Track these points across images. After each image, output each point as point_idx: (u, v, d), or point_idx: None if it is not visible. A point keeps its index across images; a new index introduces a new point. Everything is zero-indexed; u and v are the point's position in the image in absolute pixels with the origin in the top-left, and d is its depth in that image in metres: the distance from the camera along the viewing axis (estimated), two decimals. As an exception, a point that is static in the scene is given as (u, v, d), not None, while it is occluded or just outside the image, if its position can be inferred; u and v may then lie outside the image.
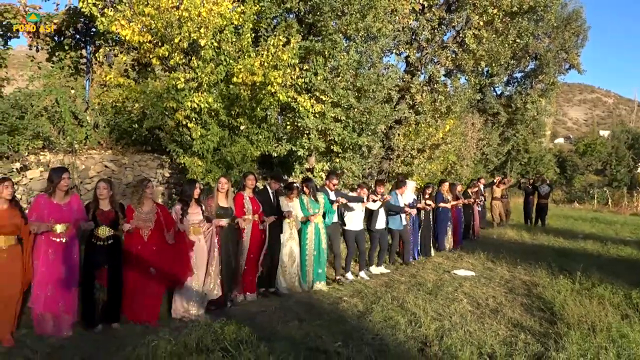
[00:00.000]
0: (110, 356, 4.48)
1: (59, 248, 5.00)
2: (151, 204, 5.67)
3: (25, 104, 8.77)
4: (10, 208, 4.74)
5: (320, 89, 9.74)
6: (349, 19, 9.73)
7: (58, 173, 5.09)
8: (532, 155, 31.55)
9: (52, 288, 4.96)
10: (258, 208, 6.67)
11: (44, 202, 5.01)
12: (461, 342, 4.97)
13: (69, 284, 5.08)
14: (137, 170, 9.49)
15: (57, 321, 5.00)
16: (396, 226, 9.08)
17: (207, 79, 7.73)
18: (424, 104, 14.07)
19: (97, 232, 5.24)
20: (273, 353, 4.43)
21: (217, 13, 7.84)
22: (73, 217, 5.11)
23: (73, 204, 5.18)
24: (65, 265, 5.04)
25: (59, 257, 4.98)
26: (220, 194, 6.28)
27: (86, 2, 8.63)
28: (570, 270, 8.18)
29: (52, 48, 11.22)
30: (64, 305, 5.02)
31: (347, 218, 8.18)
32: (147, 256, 5.49)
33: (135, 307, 5.46)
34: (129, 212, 5.51)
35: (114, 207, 5.41)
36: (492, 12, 14.31)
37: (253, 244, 6.63)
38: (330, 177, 7.99)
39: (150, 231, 5.52)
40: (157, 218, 5.59)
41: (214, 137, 7.85)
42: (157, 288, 5.60)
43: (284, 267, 7.10)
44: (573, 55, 24.35)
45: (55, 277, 4.97)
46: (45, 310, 4.94)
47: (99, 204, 5.32)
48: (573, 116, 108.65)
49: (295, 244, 7.19)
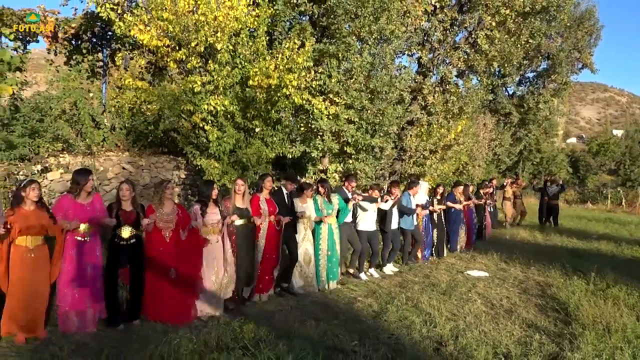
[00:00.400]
0: (133, 353, 4.59)
1: (83, 247, 5.16)
2: (172, 205, 5.78)
3: (45, 107, 8.97)
4: (37, 209, 4.88)
5: (334, 91, 9.84)
6: (362, 22, 9.82)
7: (84, 175, 5.26)
8: (545, 155, 31.42)
9: (78, 286, 5.12)
10: (274, 209, 6.76)
11: (68, 203, 5.16)
12: (476, 342, 5.03)
13: (94, 282, 5.25)
14: (154, 171, 9.66)
15: (83, 318, 5.15)
16: (407, 226, 9.16)
17: (223, 82, 7.86)
18: (436, 105, 14.10)
19: (120, 232, 5.37)
20: (292, 352, 4.52)
21: (233, 17, 7.96)
22: (96, 217, 5.26)
23: (96, 203, 5.34)
24: (90, 264, 5.20)
25: (83, 256, 5.15)
26: (237, 195, 6.38)
27: (104, 7, 8.82)
28: (584, 271, 8.20)
29: (69, 52, 11.45)
30: (89, 302, 5.18)
31: (359, 219, 8.27)
32: (169, 257, 5.61)
33: (157, 307, 5.57)
34: (149, 213, 5.61)
35: (136, 208, 5.53)
36: (505, 12, 14.29)
37: (269, 244, 6.72)
38: (350, 179, 8.10)
39: (171, 232, 5.64)
40: (178, 219, 5.70)
41: (230, 139, 7.98)
42: (179, 288, 5.69)
43: (299, 266, 7.20)
44: (586, 55, 24.17)
45: (80, 275, 5.13)
46: (71, 308, 5.09)
47: (121, 205, 5.45)
48: (586, 115, 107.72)
49: (310, 245, 7.30)
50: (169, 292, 5.58)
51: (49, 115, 8.95)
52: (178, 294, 5.65)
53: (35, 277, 4.86)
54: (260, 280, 6.71)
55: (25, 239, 4.80)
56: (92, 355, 4.49)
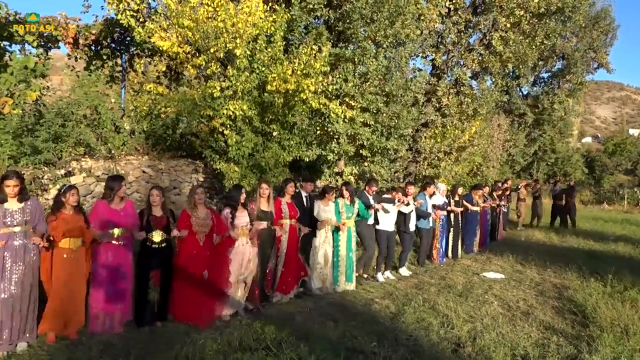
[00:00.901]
0: (160, 353, 4.74)
1: (116, 251, 5.42)
2: (205, 209, 5.98)
3: (67, 112, 9.17)
4: (75, 213, 5.20)
5: (350, 95, 9.96)
6: (378, 26, 9.91)
7: (118, 181, 5.52)
8: (559, 155, 31.16)
9: (110, 288, 5.34)
10: (295, 213, 6.96)
11: (103, 208, 5.43)
12: (494, 344, 5.10)
13: (125, 284, 5.48)
14: (173, 175, 9.83)
15: (111, 319, 5.36)
16: (424, 225, 9.33)
17: (242, 87, 8.01)
18: (450, 107, 14.13)
19: (151, 237, 5.58)
20: (314, 352, 4.63)
21: (251, 23, 8.11)
22: (129, 222, 5.51)
23: (128, 209, 5.59)
24: (122, 267, 5.44)
25: (116, 259, 5.40)
26: (262, 198, 6.60)
27: (125, 14, 9.02)
28: (601, 273, 8.20)
29: (89, 57, 11.68)
30: (119, 304, 5.40)
31: (381, 218, 8.42)
32: (201, 260, 5.82)
33: (185, 308, 5.72)
34: (185, 217, 5.80)
35: (166, 213, 5.76)
36: (519, 13, 14.28)
37: (291, 247, 6.90)
38: (371, 183, 8.22)
39: (205, 236, 5.85)
40: (212, 224, 5.90)
41: (249, 143, 8.13)
42: (208, 291, 5.85)
43: (318, 268, 7.35)
44: (602, 55, 23.98)
45: (112, 277, 5.36)
46: (102, 309, 5.31)
47: (152, 210, 5.67)
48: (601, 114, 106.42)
49: (330, 247, 7.47)
50: (197, 295, 5.74)
51: (70, 121, 9.14)
52: (206, 296, 5.80)
53: (73, 278, 5.14)
54: (283, 281, 6.85)
55: (68, 241, 5.09)
56: (121, 356, 4.64)
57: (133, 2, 8.99)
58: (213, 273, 5.91)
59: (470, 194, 11.24)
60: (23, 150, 8.18)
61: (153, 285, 5.61)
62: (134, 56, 12.21)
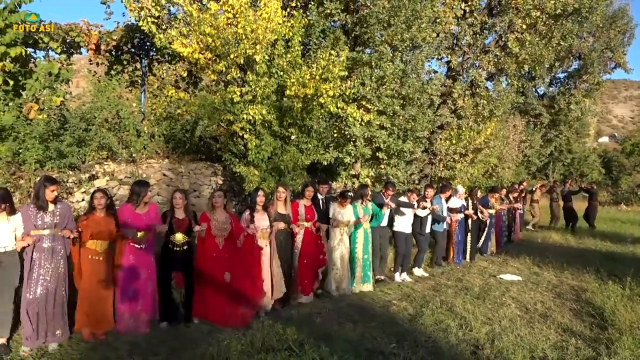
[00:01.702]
0: (186, 353, 4.89)
1: (138, 253, 5.58)
2: (224, 213, 6.08)
3: (90, 116, 9.40)
4: (107, 216, 5.37)
5: (367, 98, 10.06)
6: (395, 30, 9.99)
7: (144, 187, 5.70)
8: (576, 156, 30.84)
9: (133, 290, 5.51)
10: (312, 216, 7.11)
11: (128, 212, 5.59)
12: (513, 346, 5.16)
13: (147, 286, 5.62)
14: (193, 177, 10.02)
15: (137, 320, 5.52)
16: (437, 228, 9.46)
17: (261, 92, 8.16)
18: (466, 109, 14.12)
19: (173, 239, 5.74)
20: (335, 353, 4.74)
21: (270, 29, 8.26)
22: (152, 225, 5.65)
23: (151, 212, 5.75)
24: (144, 269, 5.60)
25: (138, 261, 5.56)
26: (279, 202, 6.73)
27: (146, 20, 9.22)
28: (619, 275, 8.17)
29: (110, 62, 11.94)
30: (142, 305, 5.55)
31: (396, 220, 8.56)
32: (221, 263, 5.92)
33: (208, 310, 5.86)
34: (204, 220, 5.92)
35: (188, 216, 5.88)
36: (535, 15, 14.21)
37: (305, 249, 7.00)
38: (388, 186, 8.32)
39: (224, 240, 5.96)
40: (232, 228, 6.01)
41: (268, 147, 8.28)
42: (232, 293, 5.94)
43: (335, 269, 7.47)
44: (619, 54, 23.70)
45: (135, 279, 5.52)
46: (127, 310, 5.48)
47: (174, 213, 5.81)
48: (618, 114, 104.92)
49: (345, 249, 7.57)
50: (220, 297, 5.86)
51: (93, 125, 9.37)
52: (230, 298, 5.91)
53: (101, 279, 5.31)
54: (299, 283, 6.97)
55: (95, 242, 5.28)
56: (150, 355, 4.80)
57: (154, 9, 9.17)
58: (237, 277, 6.00)
59: (486, 196, 11.24)
60: (49, 154, 8.41)
61: (175, 286, 5.79)
62: (154, 61, 12.45)
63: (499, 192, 11.72)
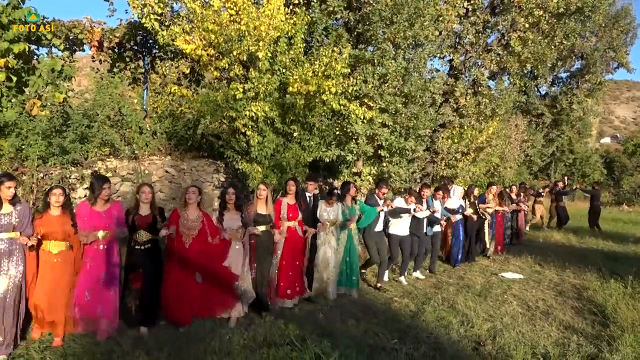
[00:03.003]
0: (190, 348, 4.90)
1: (97, 254, 5.14)
2: (197, 211, 5.67)
3: (92, 113, 9.42)
4: (62, 215, 4.93)
5: (369, 96, 10.07)
6: (397, 28, 9.99)
7: (100, 183, 5.20)
8: (578, 156, 30.82)
9: (90, 293, 5.07)
10: (296, 215, 6.57)
11: (84, 210, 5.15)
12: (514, 343, 5.17)
13: (108, 289, 5.19)
14: (195, 175, 10.04)
15: (95, 325, 5.11)
16: (430, 231, 8.86)
17: (264, 89, 8.16)
18: (468, 107, 14.14)
19: (135, 237, 5.36)
20: (337, 348, 4.75)
21: (272, 26, 8.27)
22: (113, 224, 5.23)
23: (113, 211, 5.29)
24: (104, 271, 5.16)
25: (96, 263, 5.13)
26: (259, 200, 6.21)
27: (149, 18, 9.24)
28: (621, 274, 8.19)
29: (113, 60, 11.96)
30: (102, 309, 5.11)
31: (391, 223, 8.09)
32: (187, 263, 5.53)
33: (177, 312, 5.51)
34: (175, 217, 5.56)
35: (153, 212, 5.45)
36: (538, 14, 14.22)
37: (287, 251, 6.49)
38: (381, 185, 7.89)
39: (192, 239, 5.55)
40: (202, 227, 5.61)
41: (270, 144, 8.27)
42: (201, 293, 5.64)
43: (318, 271, 6.97)
44: (621, 54, 23.67)
45: (92, 282, 5.10)
46: (82, 314, 5.07)
47: (138, 209, 5.39)
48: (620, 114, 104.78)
49: (330, 249, 7.02)
50: (188, 297, 5.53)
51: (95, 122, 9.38)
52: (199, 299, 5.61)
53: (56, 282, 4.90)
54: (280, 286, 6.44)
55: (48, 243, 4.89)
56: (154, 350, 4.80)
57: (157, 6, 9.20)
58: (205, 278, 5.64)
59: (484, 194, 10.92)
60: (51, 150, 8.43)
61: (132, 287, 5.34)
62: (156, 58, 12.47)
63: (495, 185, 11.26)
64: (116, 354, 4.70)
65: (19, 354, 4.69)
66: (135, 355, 4.64)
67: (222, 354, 4.69)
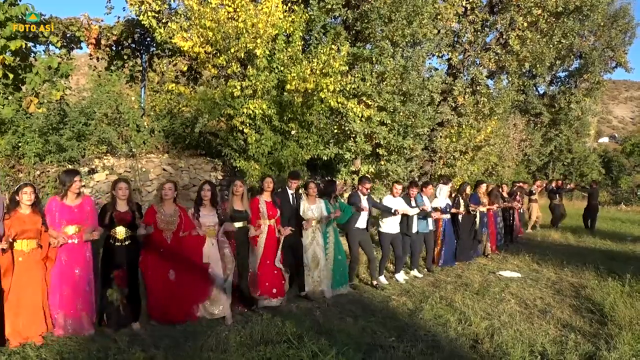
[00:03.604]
0: (186, 345, 4.88)
1: (70, 250, 5.06)
2: (173, 206, 5.65)
3: (90, 111, 9.40)
4: (32, 213, 4.84)
5: (367, 94, 10.05)
6: (395, 26, 9.99)
7: (70, 176, 5.10)
8: (576, 155, 30.83)
9: (67, 289, 5.01)
10: (275, 213, 6.44)
11: (55, 205, 5.06)
12: (512, 341, 5.14)
13: (84, 284, 5.12)
14: (192, 172, 10.03)
15: (75, 321, 5.05)
16: (422, 229, 8.68)
17: (262, 86, 8.14)
18: (466, 106, 14.13)
19: (114, 233, 5.28)
20: (335, 346, 4.73)
21: (271, 23, 8.25)
22: (85, 219, 5.14)
23: (85, 205, 5.21)
24: (78, 266, 5.09)
25: (71, 259, 5.06)
26: (235, 197, 6.15)
27: (146, 15, 9.22)
28: (619, 272, 8.16)
29: (111, 57, 11.93)
30: (81, 305, 5.05)
31: (382, 221, 7.97)
32: (169, 258, 5.52)
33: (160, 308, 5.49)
34: (151, 213, 5.52)
35: (131, 207, 5.41)
36: (537, 13, 14.23)
37: (268, 249, 6.37)
38: (363, 181, 7.72)
39: (172, 234, 5.55)
40: (180, 221, 5.60)
41: (268, 142, 8.26)
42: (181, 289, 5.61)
43: (308, 270, 6.85)
44: (620, 53, 23.69)
45: (69, 278, 5.03)
46: (62, 311, 4.99)
47: (116, 205, 5.34)
48: (619, 114, 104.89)
49: (319, 248, 6.91)
50: (170, 293, 5.51)
51: (93, 119, 9.36)
52: (180, 294, 5.57)
53: (29, 282, 4.83)
54: (261, 285, 6.31)
55: (20, 243, 4.80)
56: (150, 347, 4.78)
57: (154, 3, 9.19)
58: (183, 272, 5.61)
59: (476, 193, 10.62)
60: (48, 148, 8.43)
61: (116, 285, 5.24)
62: (154, 56, 12.45)
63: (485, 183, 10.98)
64: (112, 351, 4.67)
65: (15, 351, 4.66)
66: (132, 352, 4.62)
67: (219, 351, 4.67)
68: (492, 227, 11.15)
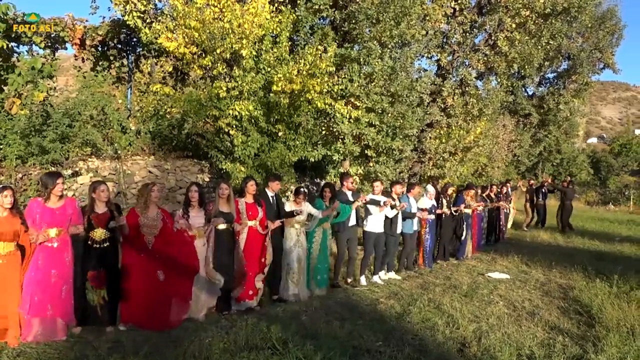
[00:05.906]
0: (168, 351, 4.77)
1: (49, 253, 4.98)
2: (156, 209, 5.60)
3: (74, 112, 9.25)
4: (10, 215, 4.78)
5: (355, 95, 9.99)
6: (383, 26, 9.94)
7: (53, 178, 5.05)
8: (565, 156, 31.05)
9: (41, 292, 4.92)
10: (256, 214, 6.42)
11: (36, 207, 5.01)
12: (500, 344, 5.11)
13: (60, 288, 5.04)
14: (179, 175, 9.90)
15: (47, 326, 4.97)
16: (407, 229, 8.69)
17: (248, 87, 8.06)
18: (455, 107, 14.11)
19: (92, 235, 5.25)
20: (320, 351, 4.65)
21: (257, 24, 8.16)
22: (66, 221, 5.09)
23: (67, 207, 5.16)
24: (55, 270, 5.01)
25: (48, 262, 4.98)
26: (221, 199, 6.14)
27: (132, 15, 9.09)
28: (607, 273, 8.18)
29: (96, 58, 11.77)
30: (53, 309, 4.97)
31: (367, 220, 7.95)
32: (150, 262, 5.46)
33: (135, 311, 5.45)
34: (133, 217, 5.44)
35: (110, 208, 5.37)
36: (525, 14, 14.27)
37: (248, 251, 6.37)
38: (345, 177, 7.80)
39: (154, 238, 5.49)
40: (163, 225, 5.54)
41: (254, 144, 8.17)
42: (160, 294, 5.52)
43: (292, 273, 6.89)
44: (608, 55, 23.82)
45: (43, 281, 4.94)
46: (33, 315, 4.90)
47: (94, 207, 5.30)
48: (607, 115, 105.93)
49: (302, 250, 6.98)
50: (147, 298, 5.43)
51: (77, 121, 9.22)
52: (158, 299, 5.50)
53: (4, 285, 4.76)
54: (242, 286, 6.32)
55: None
56: (130, 354, 4.66)
57: (140, 3, 9.07)
58: (168, 277, 5.55)
59: (462, 195, 10.61)
60: (31, 150, 8.27)
61: (91, 287, 5.22)
62: (140, 57, 12.30)
63: (473, 189, 11.01)
64: (91, 358, 4.56)
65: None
66: (111, 359, 4.51)
67: (202, 358, 4.57)
68: (474, 229, 11.17)
